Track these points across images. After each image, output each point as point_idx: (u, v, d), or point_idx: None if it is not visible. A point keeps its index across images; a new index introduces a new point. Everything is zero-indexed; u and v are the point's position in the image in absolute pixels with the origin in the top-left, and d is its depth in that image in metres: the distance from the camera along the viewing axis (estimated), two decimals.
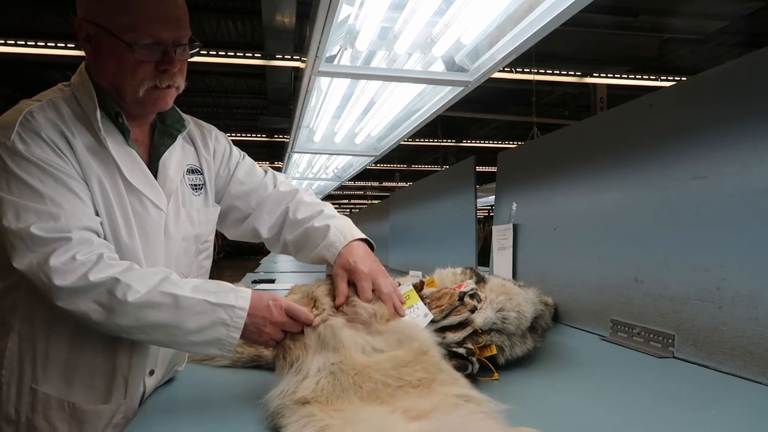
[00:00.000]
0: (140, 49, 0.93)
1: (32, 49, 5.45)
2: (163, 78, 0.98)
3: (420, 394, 0.82)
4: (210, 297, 0.91)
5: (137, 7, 0.92)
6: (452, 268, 1.44)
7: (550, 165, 1.84)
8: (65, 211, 0.89)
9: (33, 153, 0.89)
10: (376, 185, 17.54)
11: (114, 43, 0.93)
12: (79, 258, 0.86)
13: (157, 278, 0.90)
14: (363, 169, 4.04)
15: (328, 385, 0.85)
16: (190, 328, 0.89)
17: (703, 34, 6.55)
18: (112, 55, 0.94)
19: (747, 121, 1.09)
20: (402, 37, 1.64)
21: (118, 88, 0.98)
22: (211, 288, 0.93)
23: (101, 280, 0.86)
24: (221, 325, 0.91)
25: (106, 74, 0.97)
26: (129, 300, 0.86)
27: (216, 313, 0.90)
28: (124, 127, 1.00)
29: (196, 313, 0.90)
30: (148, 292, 0.88)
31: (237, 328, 0.91)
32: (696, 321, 1.18)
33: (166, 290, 0.89)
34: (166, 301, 0.89)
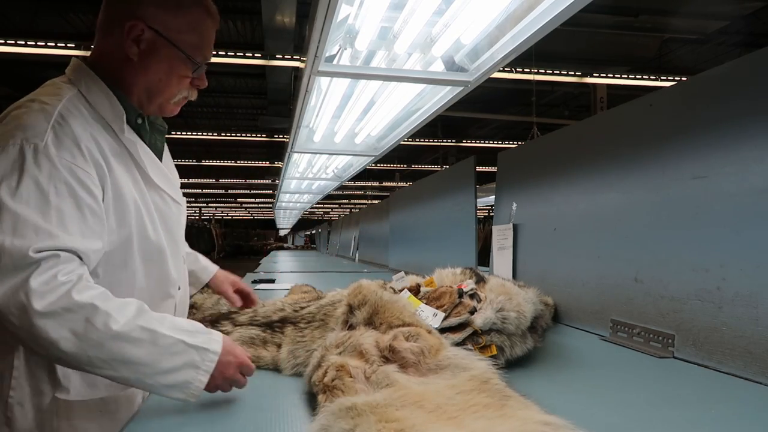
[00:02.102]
0: (192, 62, 1.02)
1: (32, 49, 5.45)
2: (192, 92, 1.08)
3: (493, 416, 0.74)
4: (186, 337, 0.88)
5: (205, 32, 1.03)
6: (452, 268, 1.44)
7: (550, 165, 1.84)
8: (63, 229, 0.86)
9: (63, 158, 0.88)
10: (376, 185, 17.55)
11: (174, 53, 0.99)
12: (60, 278, 0.82)
13: (134, 309, 0.86)
14: (363, 169, 4.04)
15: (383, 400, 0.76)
16: (163, 368, 0.85)
17: (703, 34, 6.55)
18: (165, 63, 1.00)
19: (747, 121, 1.09)
20: (402, 37, 1.64)
21: (153, 92, 1.02)
22: (187, 327, 0.90)
23: (82, 301, 0.81)
24: (191, 368, 0.87)
25: (148, 77, 1.01)
26: (111, 329, 0.81)
27: (189, 354, 0.87)
28: (142, 128, 1.05)
29: (172, 353, 0.86)
30: (127, 323, 0.83)
31: (207, 371, 0.88)
32: (696, 321, 1.18)
33: (145, 325, 0.85)
34: (145, 336, 0.84)
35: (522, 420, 0.73)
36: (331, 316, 1.23)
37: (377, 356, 0.92)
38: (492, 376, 0.86)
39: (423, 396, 0.79)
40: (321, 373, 0.90)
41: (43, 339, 0.79)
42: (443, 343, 0.96)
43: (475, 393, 0.80)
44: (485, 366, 0.88)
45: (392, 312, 1.03)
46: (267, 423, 0.87)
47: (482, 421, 0.73)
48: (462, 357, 0.91)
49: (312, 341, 1.17)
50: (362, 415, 0.72)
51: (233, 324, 1.32)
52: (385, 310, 1.03)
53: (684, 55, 7.44)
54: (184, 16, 0.99)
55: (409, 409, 0.74)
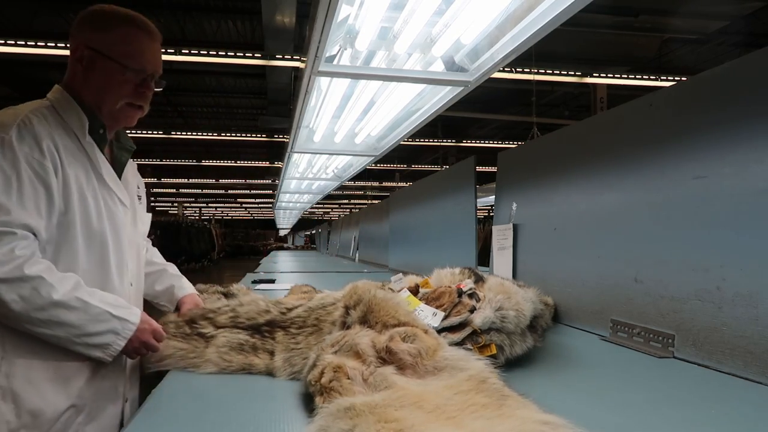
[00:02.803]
0: (129, 70, 1.20)
1: (32, 49, 5.44)
2: (138, 98, 1.24)
3: (492, 415, 0.74)
4: (111, 309, 1.13)
5: (136, 43, 1.22)
6: (451, 268, 1.44)
7: (550, 165, 1.84)
8: (22, 208, 1.06)
9: (23, 150, 1.08)
10: (376, 185, 17.55)
11: (108, 64, 1.19)
12: (17, 252, 1.03)
13: (72, 282, 1.10)
14: (363, 169, 4.04)
15: (381, 400, 0.76)
16: (90, 331, 1.10)
17: (703, 34, 6.55)
18: (103, 74, 1.20)
19: (747, 122, 1.09)
20: (402, 37, 1.64)
21: (99, 101, 1.22)
22: (112, 301, 1.15)
23: (32, 274, 1.03)
24: (113, 333, 1.12)
25: (92, 90, 1.21)
26: (52, 297, 1.05)
27: (113, 323, 1.12)
28: (103, 138, 1.25)
29: (98, 321, 1.10)
30: (66, 294, 1.07)
31: (125, 338, 1.14)
32: (696, 321, 1.18)
33: (80, 296, 1.09)
34: (78, 305, 1.08)
35: (520, 419, 0.73)
36: (325, 321, 1.21)
37: (374, 357, 0.91)
38: (489, 375, 0.85)
39: (422, 396, 0.78)
40: (317, 373, 0.89)
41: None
42: (440, 344, 0.96)
43: (473, 393, 0.80)
44: (482, 366, 0.88)
45: (387, 311, 1.02)
46: (267, 423, 0.87)
47: (481, 421, 0.72)
48: (459, 357, 0.91)
49: (308, 348, 1.15)
50: (361, 415, 0.71)
51: (214, 325, 1.28)
52: (379, 309, 1.03)
53: (684, 55, 7.44)
54: (114, 32, 1.20)
55: (408, 410, 0.74)
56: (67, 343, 1.09)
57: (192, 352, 1.21)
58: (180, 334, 1.27)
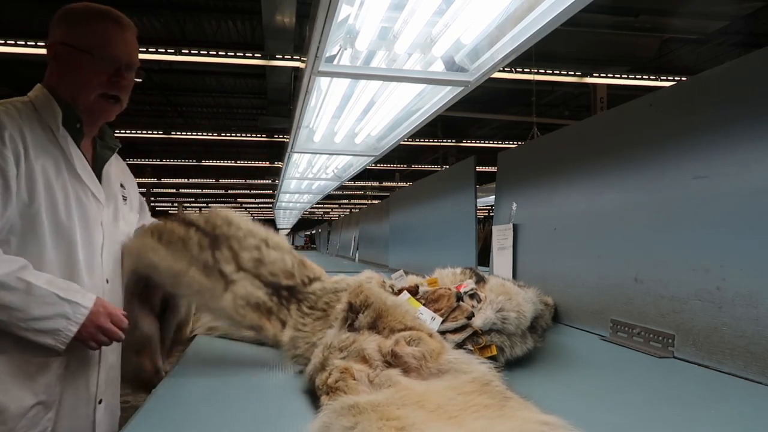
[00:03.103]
0: (99, 59, 1.19)
1: (32, 49, 5.43)
2: (112, 88, 1.23)
3: (493, 416, 0.74)
4: (60, 291, 1.06)
5: (104, 34, 1.21)
6: (452, 268, 1.44)
7: (550, 165, 1.84)
8: None
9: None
10: (376, 185, 17.54)
11: (80, 56, 1.19)
12: None
13: (16, 265, 1.04)
14: (363, 169, 4.04)
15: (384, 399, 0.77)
16: (34, 315, 1.03)
17: (703, 34, 6.55)
18: (76, 67, 1.20)
19: (747, 121, 1.09)
20: (402, 37, 1.64)
21: (75, 95, 1.21)
22: (62, 285, 1.09)
23: None
24: (62, 318, 1.06)
25: (67, 84, 1.21)
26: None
27: (62, 306, 1.06)
28: (79, 132, 1.22)
29: (44, 303, 1.04)
30: (6, 274, 1.02)
31: (77, 323, 1.07)
32: (696, 321, 1.18)
33: (21, 276, 1.03)
34: (20, 286, 1.03)
35: (521, 420, 0.73)
36: (332, 308, 1.22)
37: (380, 361, 0.91)
38: (493, 378, 0.86)
39: (424, 396, 0.79)
40: (325, 375, 0.90)
41: None
42: (444, 347, 0.96)
43: (475, 394, 0.80)
44: (486, 369, 0.88)
45: (395, 316, 1.02)
46: (268, 422, 0.87)
47: (482, 421, 0.73)
48: (463, 361, 0.91)
49: (312, 333, 1.17)
50: (364, 413, 0.72)
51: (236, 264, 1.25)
52: (388, 315, 1.03)
53: (684, 55, 7.44)
54: (85, 25, 1.21)
55: (410, 408, 0.74)
56: (13, 328, 1.04)
57: (209, 291, 1.20)
58: (202, 261, 1.22)
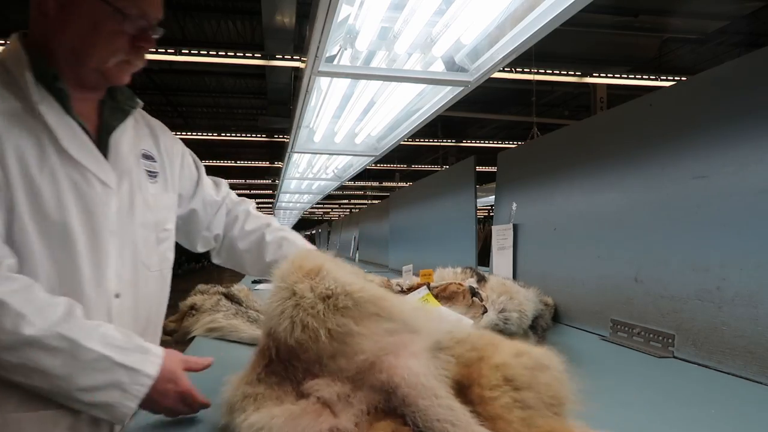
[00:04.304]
0: (128, 20, 0.88)
1: None
2: (136, 55, 0.93)
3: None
4: (115, 354, 0.78)
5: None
6: (452, 267, 1.44)
7: (550, 165, 1.84)
8: None
9: None
10: (376, 185, 17.53)
11: (96, 6, 0.86)
12: None
13: (60, 312, 0.77)
14: (363, 169, 4.03)
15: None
16: (81, 385, 0.76)
17: (703, 34, 6.54)
18: (88, 18, 0.87)
19: (747, 121, 1.09)
20: (402, 37, 1.63)
21: (80, 53, 0.89)
22: (119, 342, 0.80)
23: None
24: (117, 389, 0.78)
25: (69, 35, 0.88)
26: (21, 332, 0.73)
27: (116, 374, 0.77)
28: (63, 93, 0.89)
29: (93, 369, 0.77)
30: (45, 328, 0.75)
31: (136, 396, 0.78)
32: (696, 321, 1.18)
33: (66, 333, 0.76)
34: (64, 346, 0.76)
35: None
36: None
37: None
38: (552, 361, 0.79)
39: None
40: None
41: None
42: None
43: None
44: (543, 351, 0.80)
45: None
46: None
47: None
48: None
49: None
50: None
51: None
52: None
53: (684, 55, 7.44)
54: None
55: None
56: (55, 397, 0.79)
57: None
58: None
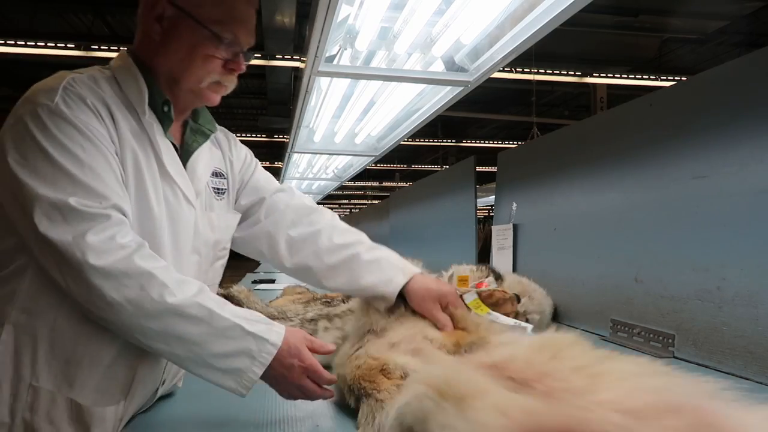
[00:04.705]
0: (224, 44, 0.94)
1: (32, 49, 5.43)
2: (228, 77, 0.99)
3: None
4: (244, 323, 0.84)
5: (230, 6, 0.95)
6: (467, 264, 1.44)
7: (550, 165, 1.84)
8: (105, 185, 0.82)
9: (77, 117, 0.84)
10: (376, 185, 17.53)
11: (196, 30, 0.93)
12: (119, 240, 0.80)
13: (194, 287, 0.84)
14: (363, 169, 4.03)
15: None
16: (215, 351, 0.82)
17: (703, 34, 6.55)
18: (187, 41, 0.93)
19: (747, 121, 1.09)
20: (402, 37, 1.63)
21: (177, 74, 0.96)
22: (246, 315, 0.87)
23: (143, 268, 0.80)
24: (246, 356, 0.83)
25: (170, 58, 0.95)
26: (166, 301, 0.80)
27: (245, 341, 0.83)
28: (167, 116, 0.97)
29: (227, 337, 0.83)
30: (185, 299, 0.82)
31: (262, 363, 0.84)
32: (696, 321, 1.18)
33: (203, 303, 0.83)
34: (202, 314, 0.82)
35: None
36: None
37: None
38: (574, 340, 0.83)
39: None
40: None
41: (100, 300, 0.79)
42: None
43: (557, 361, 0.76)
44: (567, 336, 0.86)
45: None
46: (267, 422, 0.87)
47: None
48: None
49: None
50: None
51: None
52: None
53: (684, 55, 7.44)
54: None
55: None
56: (189, 363, 0.84)
57: None
58: None
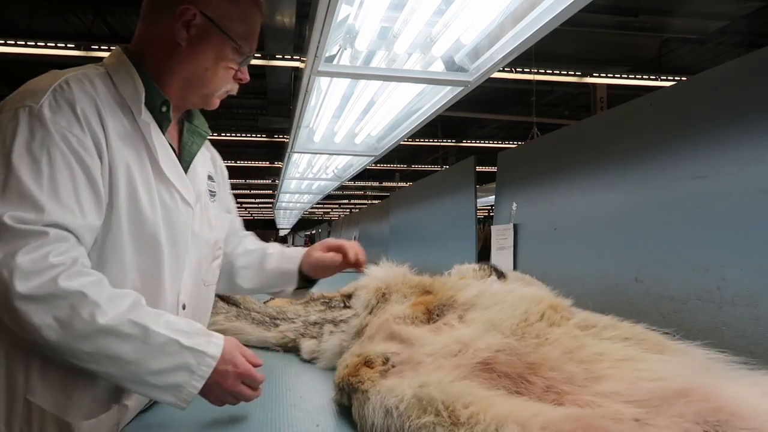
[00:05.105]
0: (245, 57, 1.00)
1: (32, 49, 5.43)
2: (235, 87, 1.05)
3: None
4: (182, 338, 0.82)
5: (252, 23, 1.01)
6: (469, 264, 1.44)
7: (550, 165, 1.84)
8: (54, 199, 0.79)
9: (57, 122, 0.82)
10: (376, 185, 17.53)
11: (223, 42, 0.96)
12: (52, 259, 0.76)
13: (128, 302, 0.81)
14: (363, 169, 4.03)
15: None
16: (152, 368, 0.80)
17: (703, 34, 6.54)
18: (213, 51, 0.97)
19: (747, 121, 1.09)
20: (402, 37, 1.63)
21: (197, 80, 0.98)
22: (183, 327, 0.85)
23: (69, 289, 0.76)
24: (185, 371, 0.82)
25: (193, 64, 0.97)
26: (96, 321, 0.77)
27: (183, 356, 0.82)
28: (165, 117, 0.97)
29: (164, 353, 0.81)
30: (117, 316, 0.79)
31: (201, 377, 0.82)
32: (696, 321, 1.18)
33: (136, 320, 0.80)
34: (135, 332, 0.79)
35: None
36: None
37: (380, 357, 0.91)
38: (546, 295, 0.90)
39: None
40: None
41: (24, 323, 0.75)
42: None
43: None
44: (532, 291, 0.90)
45: None
46: (267, 421, 0.87)
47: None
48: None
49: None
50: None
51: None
52: None
53: (684, 55, 7.44)
54: (236, 4, 0.97)
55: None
56: (125, 382, 0.82)
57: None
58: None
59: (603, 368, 0.69)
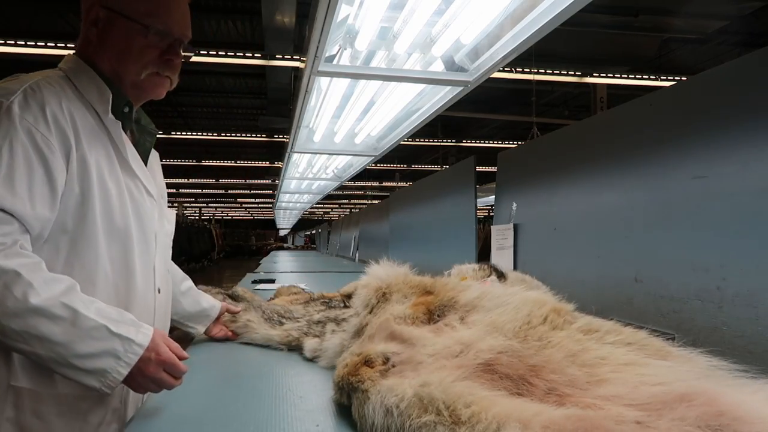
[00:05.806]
0: (153, 33, 1.01)
1: (31, 49, 5.43)
2: (165, 67, 1.05)
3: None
4: (111, 324, 0.85)
5: (159, 0, 1.02)
6: (469, 264, 1.44)
7: (550, 165, 1.84)
8: (9, 188, 0.84)
9: (24, 118, 0.87)
10: (376, 185, 17.54)
11: (127, 25, 1.00)
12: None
13: (62, 286, 0.84)
14: (363, 169, 4.03)
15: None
16: (79, 352, 0.82)
17: (703, 34, 6.55)
18: (121, 38, 1.01)
19: (747, 121, 1.09)
20: (401, 37, 1.63)
21: (119, 70, 1.03)
22: (113, 315, 0.87)
23: (5, 267, 0.79)
24: (111, 357, 0.83)
25: (110, 57, 1.02)
26: (28, 300, 0.79)
27: (111, 342, 0.84)
28: (128, 117, 1.05)
29: (92, 338, 0.83)
30: (49, 298, 0.81)
31: (128, 363, 0.84)
32: (696, 321, 1.18)
33: (68, 303, 0.83)
34: (65, 315, 0.82)
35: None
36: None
37: (381, 359, 0.90)
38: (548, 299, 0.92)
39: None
40: None
41: None
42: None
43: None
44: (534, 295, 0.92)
45: None
46: (268, 421, 0.87)
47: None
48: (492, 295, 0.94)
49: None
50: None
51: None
52: None
53: (684, 55, 7.44)
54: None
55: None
56: (51, 364, 0.83)
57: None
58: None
59: (605, 372, 0.69)
